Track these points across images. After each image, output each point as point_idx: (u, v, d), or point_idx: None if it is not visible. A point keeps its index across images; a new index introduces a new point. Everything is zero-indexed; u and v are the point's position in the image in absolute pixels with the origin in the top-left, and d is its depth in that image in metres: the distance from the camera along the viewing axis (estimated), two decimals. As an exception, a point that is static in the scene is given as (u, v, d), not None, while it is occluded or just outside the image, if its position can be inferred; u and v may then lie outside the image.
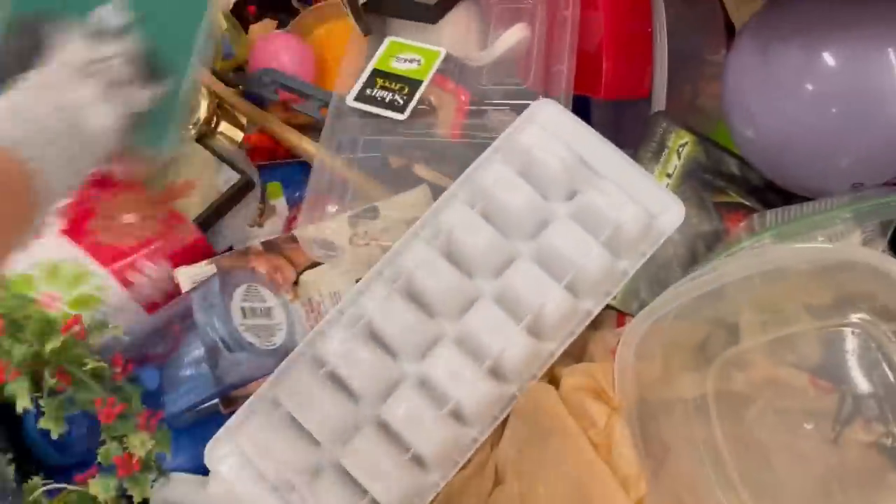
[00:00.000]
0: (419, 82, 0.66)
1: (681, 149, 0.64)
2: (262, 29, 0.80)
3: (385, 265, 0.58)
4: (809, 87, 0.56)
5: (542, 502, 0.53)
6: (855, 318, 0.50)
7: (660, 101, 0.66)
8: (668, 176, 0.63)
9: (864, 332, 0.50)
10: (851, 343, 0.50)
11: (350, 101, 0.67)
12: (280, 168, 0.74)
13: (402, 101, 0.66)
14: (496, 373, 0.54)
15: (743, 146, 0.63)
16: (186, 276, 0.61)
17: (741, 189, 0.65)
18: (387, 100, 0.66)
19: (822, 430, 0.50)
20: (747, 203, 0.64)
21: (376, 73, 0.68)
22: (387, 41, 0.69)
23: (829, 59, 0.56)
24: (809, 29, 0.57)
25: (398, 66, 0.67)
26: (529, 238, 0.57)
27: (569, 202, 0.58)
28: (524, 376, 0.55)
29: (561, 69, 0.64)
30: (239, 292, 0.58)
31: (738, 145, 0.64)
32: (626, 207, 0.56)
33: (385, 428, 0.54)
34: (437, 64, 0.67)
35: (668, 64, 0.65)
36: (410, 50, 0.68)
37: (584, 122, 0.59)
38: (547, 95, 0.62)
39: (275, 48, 0.75)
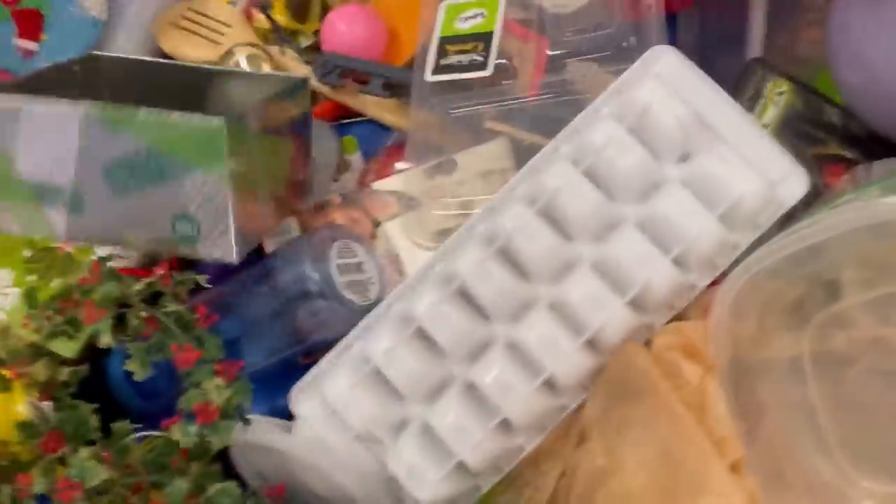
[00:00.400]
0: (490, 34, 0.63)
1: (778, 97, 0.61)
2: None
3: (478, 223, 0.55)
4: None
5: (629, 464, 0.51)
6: (967, 274, 0.47)
7: (756, 48, 0.63)
8: (764, 127, 0.60)
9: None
10: (963, 301, 0.47)
11: (428, 76, 0.64)
12: (354, 124, 0.73)
13: (480, 59, 0.63)
14: (592, 344, 0.53)
15: (849, 94, 0.59)
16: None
17: (843, 140, 0.61)
18: (465, 63, 0.63)
19: (931, 393, 0.48)
20: (849, 155, 0.61)
21: (444, 41, 0.65)
22: (443, 7, 0.66)
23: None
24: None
25: (463, 27, 0.65)
26: (636, 201, 0.54)
27: (682, 165, 0.54)
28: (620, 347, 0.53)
29: (650, 3, 0.59)
30: (335, 248, 0.57)
31: (844, 93, 0.60)
32: (747, 179, 0.52)
33: (473, 390, 0.53)
34: (500, 9, 0.63)
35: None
36: (469, 6, 0.65)
37: (704, 74, 0.54)
38: (636, 38, 0.58)
39: (344, 22, 0.71)
